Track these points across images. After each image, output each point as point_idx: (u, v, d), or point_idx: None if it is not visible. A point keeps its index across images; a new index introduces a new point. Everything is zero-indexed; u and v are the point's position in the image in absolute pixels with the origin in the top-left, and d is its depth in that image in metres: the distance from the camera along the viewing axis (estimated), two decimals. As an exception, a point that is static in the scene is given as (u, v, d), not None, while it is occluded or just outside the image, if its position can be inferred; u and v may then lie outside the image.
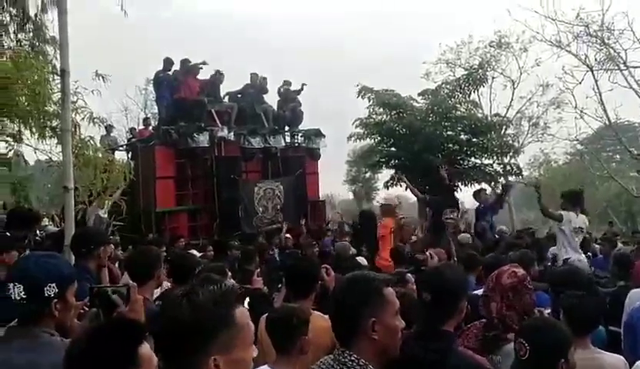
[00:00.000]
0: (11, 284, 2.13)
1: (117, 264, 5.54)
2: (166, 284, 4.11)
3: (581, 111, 19.37)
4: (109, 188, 7.00)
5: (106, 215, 7.66)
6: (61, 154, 5.08)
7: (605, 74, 18.18)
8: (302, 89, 14.32)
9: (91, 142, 6.31)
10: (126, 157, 12.51)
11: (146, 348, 1.49)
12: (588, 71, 18.28)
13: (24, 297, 2.13)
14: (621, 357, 3.00)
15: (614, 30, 17.30)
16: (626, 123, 26.38)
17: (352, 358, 1.93)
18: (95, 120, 6.38)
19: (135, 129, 17.73)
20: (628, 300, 4.48)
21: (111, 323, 1.72)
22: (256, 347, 1.60)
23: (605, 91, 18.25)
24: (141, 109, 25.25)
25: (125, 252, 7.15)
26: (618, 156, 30.38)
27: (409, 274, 4.20)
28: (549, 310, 3.25)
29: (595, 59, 18.15)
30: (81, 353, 1.44)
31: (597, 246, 9.26)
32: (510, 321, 2.66)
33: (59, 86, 4.86)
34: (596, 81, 18.25)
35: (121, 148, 14.22)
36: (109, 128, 13.88)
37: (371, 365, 1.94)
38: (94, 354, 1.42)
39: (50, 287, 2.18)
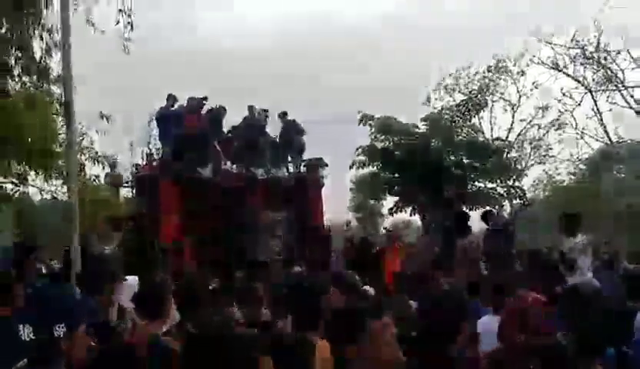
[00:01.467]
0: (21, 325, 2.14)
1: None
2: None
3: (582, 132, 19.54)
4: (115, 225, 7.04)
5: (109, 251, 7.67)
6: (64, 195, 5.14)
7: (604, 95, 18.38)
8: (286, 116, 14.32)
9: (97, 181, 6.39)
10: (131, 193, 12.58)
11: None
12: (586, 93, 18.48)
13: (33, 338, 2.13)
14: None
15: (610, 51, 17.53)
16: (629, 142, 26.38)
17: None
18: (100, 159, 6.46)
19: (139, 165, 17.80)
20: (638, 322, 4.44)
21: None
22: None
23: (604, 112, 18.43)
24: (146, 145, 25.37)
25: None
26: (622, 176, 30.26)
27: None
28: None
29: (593, 80, 18.36)
30: None
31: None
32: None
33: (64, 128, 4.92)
34: (595, 101, 18.45)
35: (126, 185, 14.30)
36: (114, 164, 13.94)
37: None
38: None
39: (59, 327, 2.18)
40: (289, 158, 14.28)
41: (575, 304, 3.20)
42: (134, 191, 12.98)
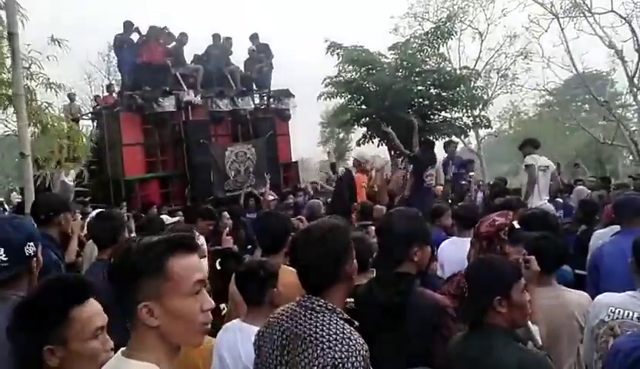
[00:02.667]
0: None
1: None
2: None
3: (549, 61, 19.62)
4: (75, 157, 6.83)
5: (72, 182, 7.49)
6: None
7: (571, 23, 18.35)
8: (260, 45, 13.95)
9: (49, 109, 6.10)
10: (91, 126, 12.21)
11: (81, 310, 1.58)
12: (553, 19, 18.40)
13: (5, 259, 2.15)
14: (586, 294, 3.06)
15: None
16: (594, 72, 26.72)
17: (320, 302, 1.91)
18: (52, 86, 6.13)
19: (99, 97, 17.26)
20: (593, 240, 4.59)
21: (52, 282, 1.74)
22: (227, 304, 1.61)
23: (571, 40, 18.47)
24: (105, 76, 24.52)
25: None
26: (587, 105, 30.85)
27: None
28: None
29: (561, 7, 18.26)
30: (20, 308, 1.55)
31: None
32: None
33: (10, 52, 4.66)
34: (562, 29, 18.42)
35: (85, 117, 13.86)
36: (72, 96, 13.45)
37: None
38: (29, 311, 1.54)
39: (29, 246, 2.22)
40: (255, 88, 13.94)
41: (531, 228, 3.23)
42: (93, 124, 12.58)
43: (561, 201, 8.61)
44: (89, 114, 14.59)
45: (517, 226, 2.83)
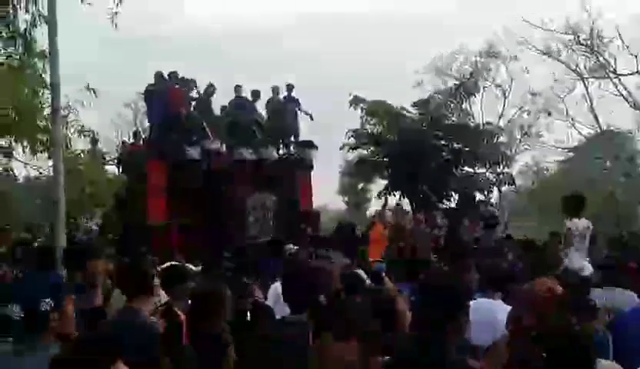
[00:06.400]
0: (9, 305, 2.17)
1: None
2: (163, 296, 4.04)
3: (572, 119, 19.63)
4: (100, 203, 6.93)
5: (96, 228, 7.56)
6: (51, 169, 5.01)
7: (596, 83, 18.45)
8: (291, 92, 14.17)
9: (82, 155, 6.25)
10: (116, 171, 12.42)
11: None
12: (578, 80, 18.51)
13: (22, 315, 2.15)
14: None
15: (603, 38, 17.54)
16: (617, 130, 26.60)
17: None
18: (85, 133, 6.31)
19: (125, 143, 17.58)
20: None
21: (90, 339, 1.75)
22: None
23: (596, 99, 18.52)
24: (132, 123, 25.11)
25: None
26: (608, 163, 30.53)
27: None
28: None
29: (585, 67, 18.39)
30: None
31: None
32: None
33: (49, 101, 4.81)
34: (587, 88, 18.51)
35: (111, 163, 14.12)
36: (95, 142, 13.59)
37: None
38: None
39: (44, 302, 2.22)
40: (280, 139, 14.12)
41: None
42: (119, 169, 12.79)
43: None
44: (115, 160, 14.86)
45: None
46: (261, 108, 14.06)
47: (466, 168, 15.86)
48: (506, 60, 22.50)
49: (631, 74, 17.67)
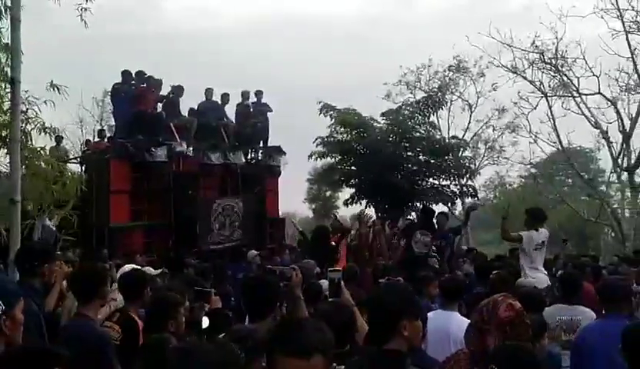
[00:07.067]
0: None
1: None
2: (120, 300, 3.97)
3: (535, 136, 20.15)
4: (61, 202, 6.76)
5: (54, 228, 7.36)
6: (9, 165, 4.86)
7: (559, 101, 19.00)
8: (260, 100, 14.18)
9: (42, 153, 6.08)
10: (79, 170, 12.13)
11: None
12: (542, 97, 19.02)
13: None
14: None
15: (567, 58, 18.08)
16: (578, 148, 27.47)
17: None
18: (47, 130, 6.14)
19: (90, 141, 17.25)
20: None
21: (24, 350, 1.70)
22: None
23: (558, 117, 19.06)
24: (97, 121, 24.58)
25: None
26: (570, 180, 31.48)
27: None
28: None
29: (549, 86, 18.93)
30: None
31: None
32: None
33: (9, 95, 4.69)
34: (550, 107, 19.03)
35: (74, 161, 13.79)
36: (59, 139, 13.30)
37: None
38: None
39: None
40: (248, 144, 14.07)
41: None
42: (82, 168, 12.51)
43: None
44: (78, 159, 14.53)
45: None
46: (230, 112, 14.04)
47: (431, 180, 16.11)
48: (473, 76, 23.04)
49: (592, 95, 18.23)
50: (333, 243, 8.14)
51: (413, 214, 12.28)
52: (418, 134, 16.21)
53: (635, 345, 2.54)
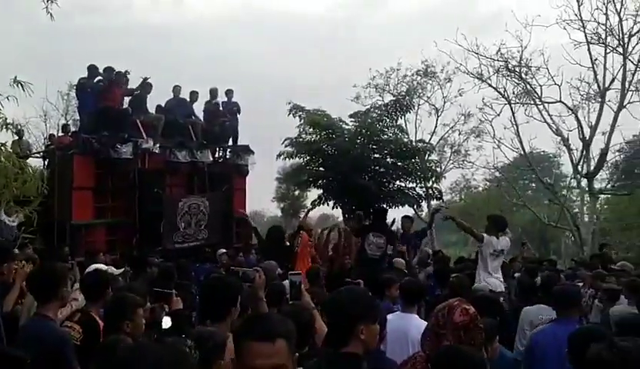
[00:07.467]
0: None
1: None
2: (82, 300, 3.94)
3: (499, 141, 20.63)
4: (21, 198, 6.63)
5: (15, 223, 7.20)
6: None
7: (522, 108, 19.48)
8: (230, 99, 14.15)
9: (3, 148, 5.95)
10: (41, 165, 11.88)
11: None
12: (506, 104, 19.48)
13: None
14: None
15: (531, 66, 18.56)
16: (542, 153, 28.20)
17: None
18: (9, 126, 6.02)
19: (53, 136, 16.87)
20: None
21: None
22: None
23: (521, 123, 19.55)
24: (62, 115, 24.01)
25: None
26: (533, 184, 32.28)
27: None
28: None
29: (513, 93, 19.39)
30: None
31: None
32: None
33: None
34: (513, 113, 19.51)
35: (37, 155, 13.49)
36: (21, 133, 12.94)
37: None
38: None
39: None
40: (216, 142, 13.99)
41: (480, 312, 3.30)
42: (45, 163, 12.25)
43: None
44: (41, 153, 14.21)
45: None
46: (198, 110, 13.94)
47: (398, 182, 16.28)
48: (440, 81, 23.46)
49: (554, 102, 18.74)
50: (287, 243, 8.22)
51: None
52: (385, 136, 16.34)
53: (579, 350, 2.66)
